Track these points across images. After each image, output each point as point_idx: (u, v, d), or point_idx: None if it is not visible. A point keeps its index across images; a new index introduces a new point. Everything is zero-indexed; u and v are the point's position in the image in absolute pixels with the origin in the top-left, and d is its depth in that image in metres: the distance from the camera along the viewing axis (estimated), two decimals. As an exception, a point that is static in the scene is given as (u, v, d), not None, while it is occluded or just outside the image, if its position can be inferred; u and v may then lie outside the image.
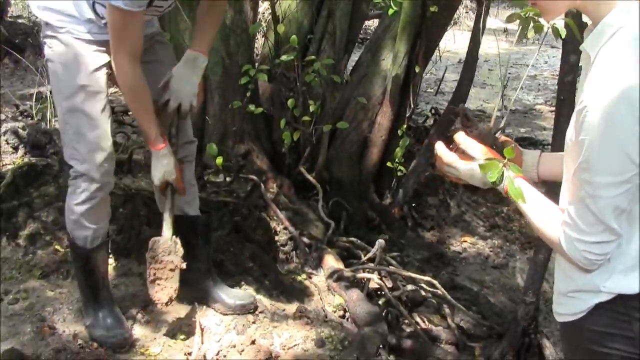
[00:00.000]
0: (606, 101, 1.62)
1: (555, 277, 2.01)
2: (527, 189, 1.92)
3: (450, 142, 2.05)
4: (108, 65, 3.03)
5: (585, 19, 1.88)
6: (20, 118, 5.84)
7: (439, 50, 8.31)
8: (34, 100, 6.09)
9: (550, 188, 2.11)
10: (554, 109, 8.49)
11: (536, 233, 1.96)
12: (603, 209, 1.71)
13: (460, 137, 2.02)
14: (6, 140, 5.03)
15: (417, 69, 4.82)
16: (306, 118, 4.43)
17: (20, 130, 5.04)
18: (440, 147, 2.05)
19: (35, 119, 5.69)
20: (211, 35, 3.28)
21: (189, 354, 3.26)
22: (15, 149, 5.02)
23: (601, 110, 1.63)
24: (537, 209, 1.92)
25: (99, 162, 3.05)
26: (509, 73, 9.38)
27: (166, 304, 3.13)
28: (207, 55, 3.22)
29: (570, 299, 1.92)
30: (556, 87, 8.66)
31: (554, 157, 2.22)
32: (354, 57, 5.77)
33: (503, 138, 2.13)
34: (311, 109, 4.42)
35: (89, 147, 3.04)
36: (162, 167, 3.11)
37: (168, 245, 3.10)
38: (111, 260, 3.70)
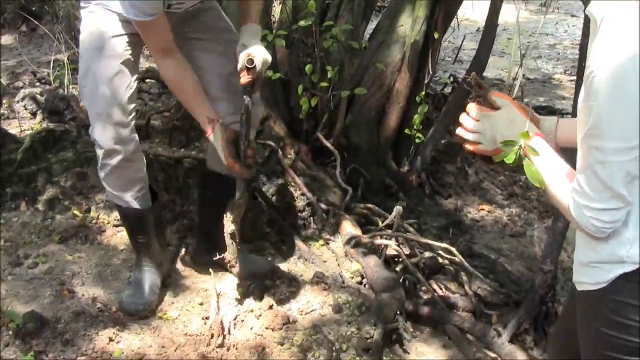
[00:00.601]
0: (613, 67, 1.62)
1: (576, 247, 2.01)
2: (546, 152, 1.93)
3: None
4: (130, 35, 3.00)
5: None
6: (37, 84, 5.85)
7: (457, 18, 8.25)
8: (51, 67, 6.10)
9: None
10: (573, 78, 8.44)
11: (551, 200, 1.97)
12: (612, 174, 1.71)
13: (494, 96, 2.07)
14: (24, 106, 5.05)
15: (436, 35, 4.77)
16: (324, 84, 4.40)
17: (38, 96, 5.05)
18: (471, 105, 2.08)
19: (53, 86, 5.70)
20: (259, 6, 3.19)
21: (207, 318, 3.28)
22: (34, 114, 5.04)
23: (608, 76, 1.63)
24: (553, 174, 1.92)
25: (104, 127, 3.03)
26: (528, 42, 9.27)
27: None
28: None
29: (593, 269, 1.92)
30: (576, 56, 8.54)
31: (572, 123, 2.13)
32: (372, 23, 5.73)
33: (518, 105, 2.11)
34: (329, 74, 4.38)
35: (97, 110, 3.04)
36: (216, 150, 3.01)
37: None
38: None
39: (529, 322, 3.60)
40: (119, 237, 3.82)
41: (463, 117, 2.10)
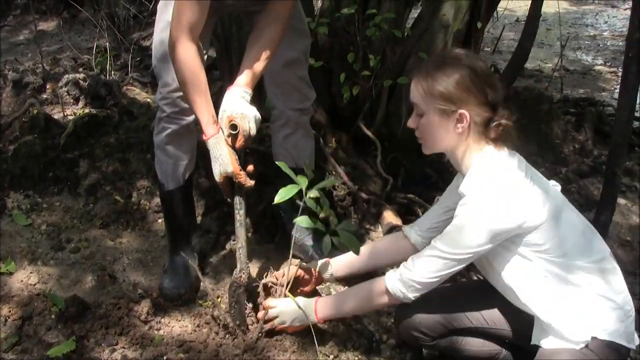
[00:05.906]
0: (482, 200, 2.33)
1: None
2: (336, 296, 3.04)
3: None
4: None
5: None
6: (80, 70, 5.89)
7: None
8: (94, 52, 6.13)
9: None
10: (614, 69, 8.32)
11: (363, 312, 3.04)
12: (445, 269, 2.43)
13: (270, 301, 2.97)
14: (67, 92, 5.07)
15: (479, 25, 4.71)
16: (366, 73, 4.37)
17: (81, 82, 5.07)
18: (267, 300, 2.99)
19: (95, 71, 5.73)
20: (261, 66, 2.96)
21: (247, 306, 3.26)
22: (76, 100, 5.07)
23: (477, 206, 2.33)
24: (354, 300, 2.84)
25: (168, 90, 3.09)
26: (568, 33, 9.17)
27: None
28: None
29: None
30: (616, 48, 8.39)
31: (342, 260, 3.13)
32: (415, 12, 5.68)
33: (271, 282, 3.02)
34: (371, 63, 4.35)
35: (164, 72, 3.09)
36: (217, 159, 2.80)
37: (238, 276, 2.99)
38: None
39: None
40: (159, 223, 3.84)
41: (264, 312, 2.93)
